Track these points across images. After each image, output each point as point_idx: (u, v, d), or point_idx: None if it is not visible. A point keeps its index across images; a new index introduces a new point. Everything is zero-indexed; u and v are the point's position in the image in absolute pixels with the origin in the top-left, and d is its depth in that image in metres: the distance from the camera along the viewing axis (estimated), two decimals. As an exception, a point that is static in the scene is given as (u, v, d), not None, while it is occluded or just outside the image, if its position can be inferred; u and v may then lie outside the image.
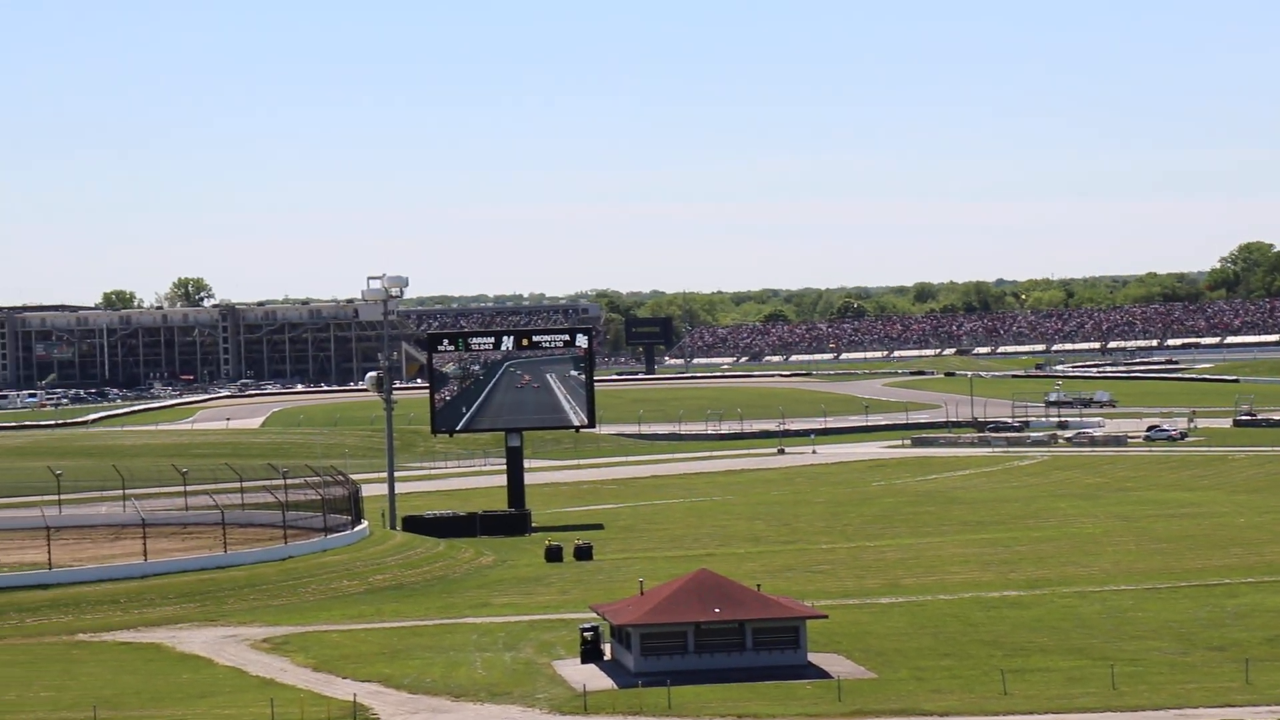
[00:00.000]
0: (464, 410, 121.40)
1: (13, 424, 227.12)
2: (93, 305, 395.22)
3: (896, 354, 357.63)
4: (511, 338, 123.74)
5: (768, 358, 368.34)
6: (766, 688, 63.56)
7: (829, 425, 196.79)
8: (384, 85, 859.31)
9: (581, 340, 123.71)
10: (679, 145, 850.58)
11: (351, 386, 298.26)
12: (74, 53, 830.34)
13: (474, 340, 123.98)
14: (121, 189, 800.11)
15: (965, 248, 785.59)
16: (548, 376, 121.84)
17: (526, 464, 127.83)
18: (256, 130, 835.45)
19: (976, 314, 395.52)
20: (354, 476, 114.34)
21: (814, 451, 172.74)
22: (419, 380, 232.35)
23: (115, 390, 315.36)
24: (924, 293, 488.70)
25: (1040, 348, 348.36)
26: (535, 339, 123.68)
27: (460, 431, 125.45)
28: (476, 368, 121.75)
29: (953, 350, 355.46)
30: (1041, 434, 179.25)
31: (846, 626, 74.67)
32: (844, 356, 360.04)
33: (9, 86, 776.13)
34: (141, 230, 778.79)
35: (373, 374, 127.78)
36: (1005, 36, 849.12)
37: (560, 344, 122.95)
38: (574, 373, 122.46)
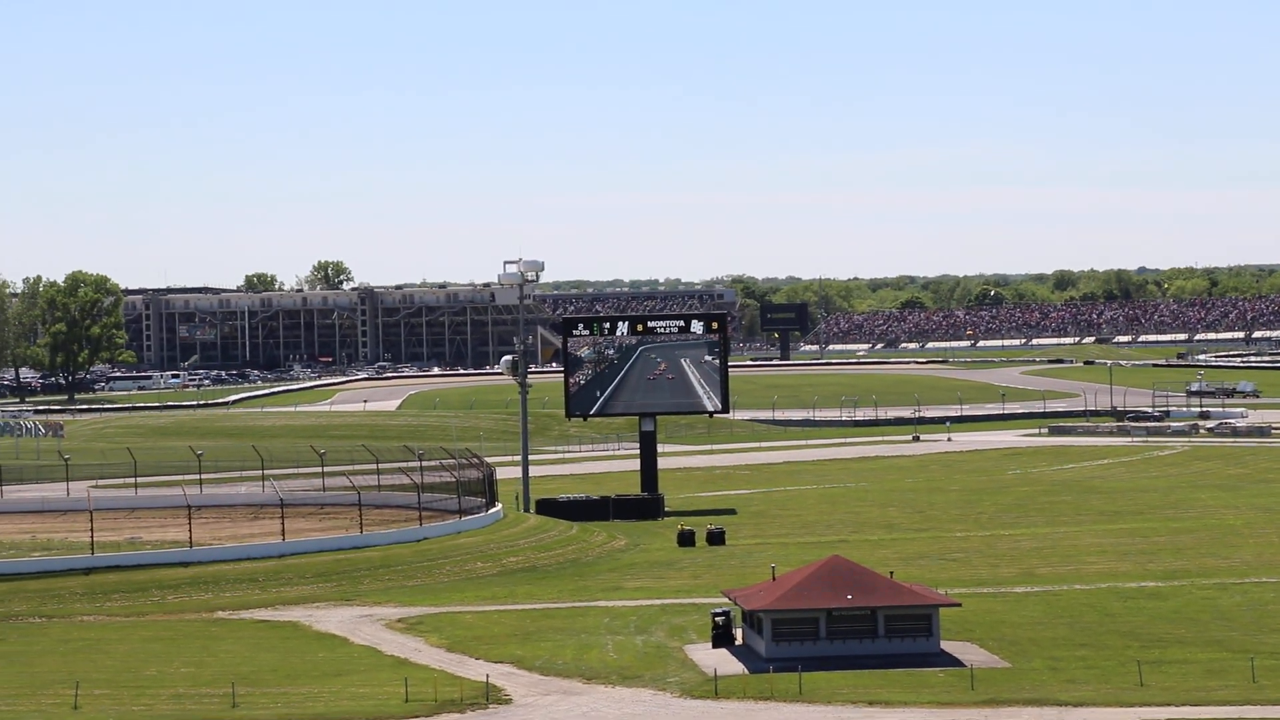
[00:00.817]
0: (598, 394, 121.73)
1: (156, 404, 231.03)
2: (235, 288, 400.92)
3: (1035, 342, 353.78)
4: (646, 322, 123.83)
5: (904, 345, 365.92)
6: (898, 675, 63.18)
7: (965, 413, 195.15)
8: (524, 70, 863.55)
9: (716, 326, 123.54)
10: (817, 132, 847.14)
11: (487, 370, 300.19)
12: (210, 40, 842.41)
13: (609, 325, 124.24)
14: (263, 174, 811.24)
15: (1107, 235, 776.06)
16: (682, 361, 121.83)
17: (660, 449, 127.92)
18: (395, 116, 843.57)
19: (1117, 302, 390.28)
20: (488, 459, 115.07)
21: (949, 439, 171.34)
22: (554, 364, 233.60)
23: (256, 372, 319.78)
24: (1064, 280, 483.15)
25: (1182, 337, 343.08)
26: (670, 324, 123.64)
27: (594, 415, 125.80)
28: (611, 352, 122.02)
29: (1092, 339, 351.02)
30: (1182, 424, 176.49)
31: (980, 615, 74.00)
32: (981, 344, 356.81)
33: (152, 76, 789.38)
34: (283, 214, 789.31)
35: (508, 358, 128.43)
36: (1152, 23, 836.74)
37: (695, 329, 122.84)
38: (708, 358, 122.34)
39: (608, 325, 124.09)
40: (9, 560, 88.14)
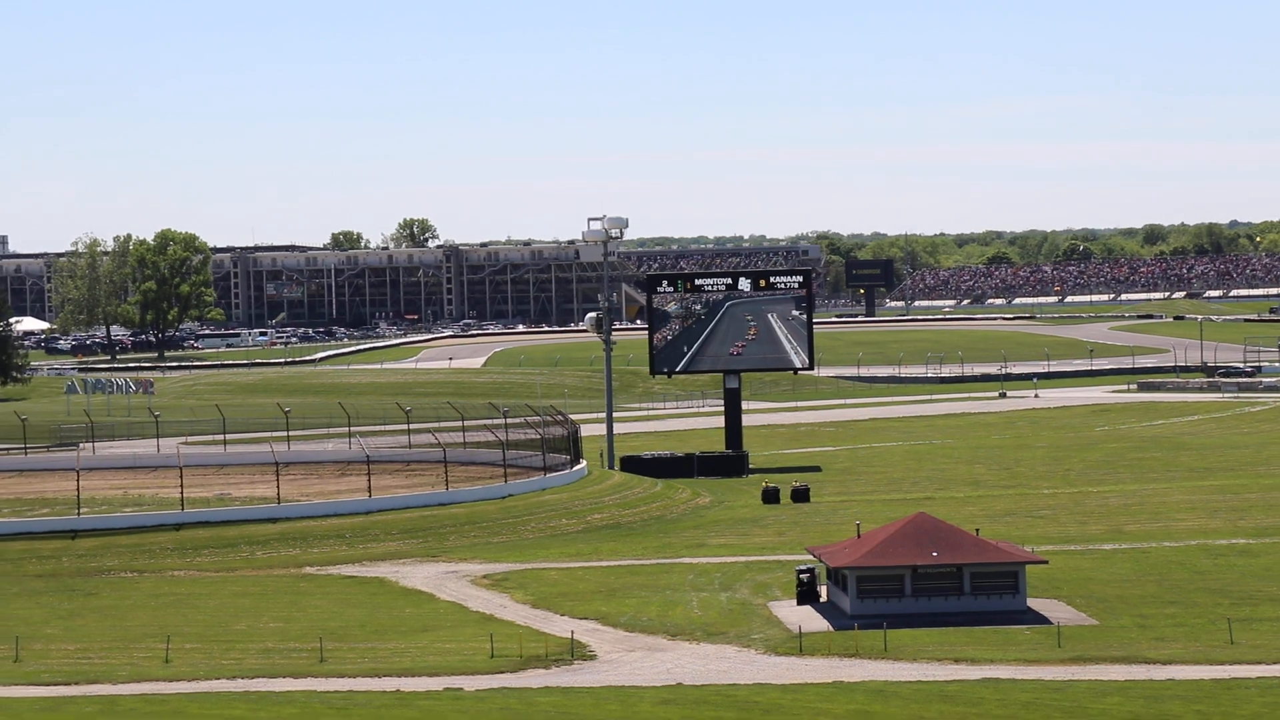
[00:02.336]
0: (683, 351, 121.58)
1: (244, 362, 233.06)
2: (321, 246, 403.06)
3: (1123, 297, 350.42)
4: (731, 279, 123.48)
5: (990, 300, 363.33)
6: (984, 632, 62.88)
7: (1052, 369, 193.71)
8: (609, 28, 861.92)
9: (801, 282, 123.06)
10: (903, 86, 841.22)
11: (571, 327, 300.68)
12: (298, 2, 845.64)
13: (693, 281, 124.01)
14: (349, 132, 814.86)
15: (1197, 189, 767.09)
16: (767, 318, 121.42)
17: (744, 405, 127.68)
18: (480, 74, 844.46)
19: (1208, 256, 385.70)
20: (573, 416, 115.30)
21: (1036, 395, 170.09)
22: (638, 321, 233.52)
23: (342, 329, 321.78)
24: (1153, 234, 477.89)
25: (1275, 291, 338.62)
26: (756, 280, 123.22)
27: (679, 372, 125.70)
28: (698, 308, 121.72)
29: (1182, 293, 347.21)
30: (1274, 379, 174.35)
31: (1068, 572, 73.51)
32: (1069, 300, 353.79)
33: (241, 37, 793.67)
34: (368, 172, 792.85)
35: (592, 315, 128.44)
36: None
37: (780, 285, 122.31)
38: (794, 314, 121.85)
39: (692, 282, 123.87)
40: (101, 515, 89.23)
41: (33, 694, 56.22)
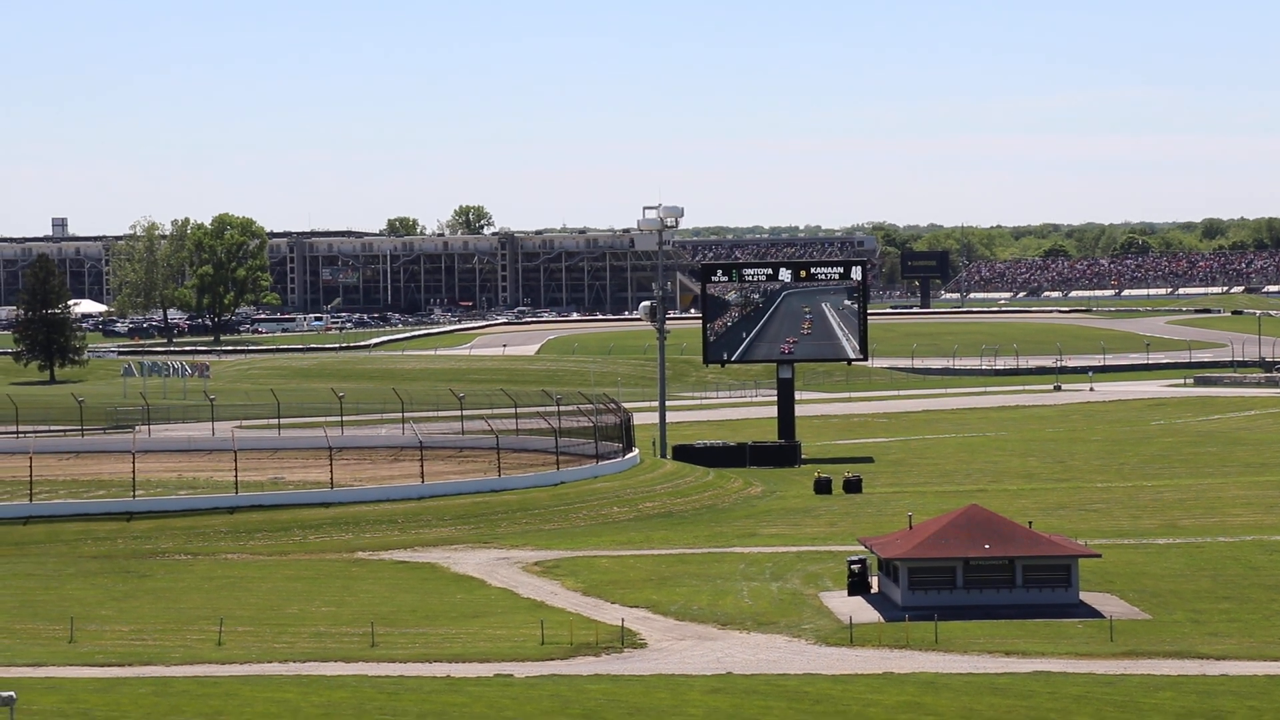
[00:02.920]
0: (737, 341, 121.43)
1: (300, 346, 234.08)
2: (377, 232, 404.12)
3: (1181, 291, 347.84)
4: (786, 269, 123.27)
5: (1046, 293, 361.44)
6: (1036, 625, 62.66)
7: (1108, 363, 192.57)
8: (665, 17, 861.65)
9: (856, 273, 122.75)
10: (961, 78, 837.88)
11: (626, 316, 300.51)
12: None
13: (748, 271, 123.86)
14: (406, 118, 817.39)
15: (1258, 183, 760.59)
16: (822, 308, 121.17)
17: (797, 396, 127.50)
18: (538, 61, 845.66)
19: (1267, 251, 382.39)
20: (626, 405, 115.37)
21: (1091, 389, 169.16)
22: (692, 311, 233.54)
23: (397, 315, 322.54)
24: (1212, 229, 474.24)
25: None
26: (810, 271, 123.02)
27: (732, 362, 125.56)
28: (754, 298, 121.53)
29: (1241, 288, 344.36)
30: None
31: (1120, 566, 73.14)
32: (1126, 293, 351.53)
33: (297, 23, 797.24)
34: (425, 158, 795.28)
35: (647, 303, 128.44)
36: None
37: (835, 276, 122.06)
38: (848, 305, 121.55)
39: (746, 272, 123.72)
40: (156, 498, 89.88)
41: (87, 674, 56.68)
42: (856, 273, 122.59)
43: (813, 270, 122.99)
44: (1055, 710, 50.52)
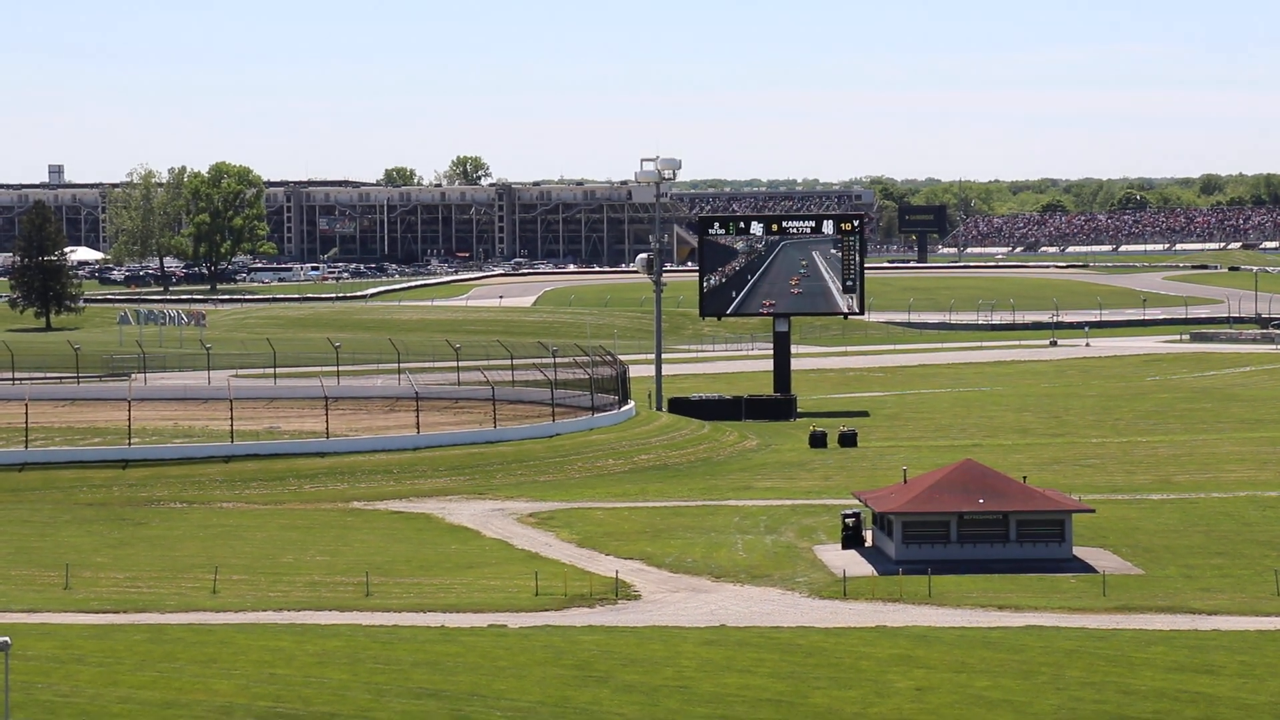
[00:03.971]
0: (733, 294, 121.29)
1: (296, 296, 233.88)
2: (375, 182, 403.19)
3: (1179, 247, 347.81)
4: (784, 222, 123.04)
5: (1043, 248, 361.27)
6: (1029, 580, 62.83)
7: (1104, 318, 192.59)
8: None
9: (853, 227, 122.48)
10: (958, 32, 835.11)
11: (623, 268, 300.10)
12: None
13: (745, 224, 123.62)
14: (404, 68, 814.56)
15: (1256, 139, 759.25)
16: (818, 262, 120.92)
17: (793, 349, 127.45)
18: (536, 11, 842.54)
19: (1265, 207, 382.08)
20: (622, 357, 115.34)
21: (1087, 344, 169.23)
22: (689, 263, 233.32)
23: (394, 266, 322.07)
24: (1210, 184, 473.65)
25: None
26: (806, 224, 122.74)
27: (729, 315, 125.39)
28: (754, 250, 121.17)
29: (1238, 244, 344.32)
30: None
31: (1114, 522, 73.30)
32: (1123, 249, 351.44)
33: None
34: (422, 108, 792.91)
35: (643, 256, 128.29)
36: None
37: (832, 230, 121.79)
38: (845, 259, 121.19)
39: (743, 224, 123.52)
40: (152, 446, 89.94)
41: (82, 620, 56.82)
42: (854, 226, 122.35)
43: (810, 223, 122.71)
44: (1047, 664, 50.68)
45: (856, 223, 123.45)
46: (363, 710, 46.63)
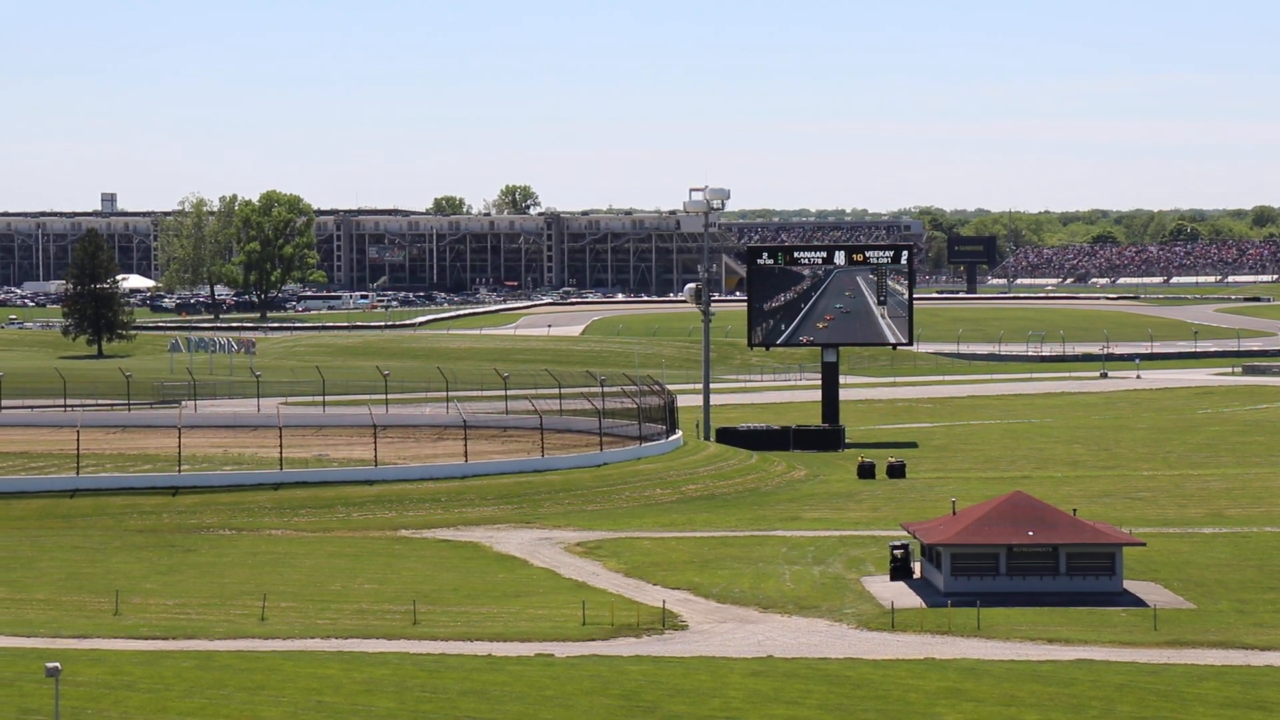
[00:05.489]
0: (782, 324, 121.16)
1: (345, 324, 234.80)
2: (424, 210, 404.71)
3: (1231, 279, 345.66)
4: (831, 253, 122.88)
5: (1094, 280, 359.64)
6: (1079, 613, 62.40)
7: (1155, 350, 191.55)
8: (708, 2, 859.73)
9: (903, 257, 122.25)
10: (1008, 62, 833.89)
11: (671, 297, 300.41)
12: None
13: (794, 254, 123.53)
14: (454, 98, 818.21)
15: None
16: (867, 293, 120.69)
17: (842, 380, 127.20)
18: (583, 42, 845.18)
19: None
20: (670, 387, 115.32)
21: (1138, 376, 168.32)
22: (738, 293, 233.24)
23: (442, 294, 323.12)
24: (1263, 216, 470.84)
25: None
26: (856, 254, 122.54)
27: (777, 345, 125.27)
28: (803, 280, 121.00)
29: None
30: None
31: (1166, 555, 72.75)
32: (1174, 280, 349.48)
33: (350, 2, 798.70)
34: (472, 138, 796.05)
35: (692, 285, 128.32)
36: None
37: (881, 260, 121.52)
38: (894, 289, 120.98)
39: (792, 254, 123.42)
40: (201, 473, 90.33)
41: (132, 647, 57.02)
42: (903, 257, 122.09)
43: (859, 254, 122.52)
44: (1098, 699, 50.29)
45: (905, 253, 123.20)
46: (410, 739, 46.57)
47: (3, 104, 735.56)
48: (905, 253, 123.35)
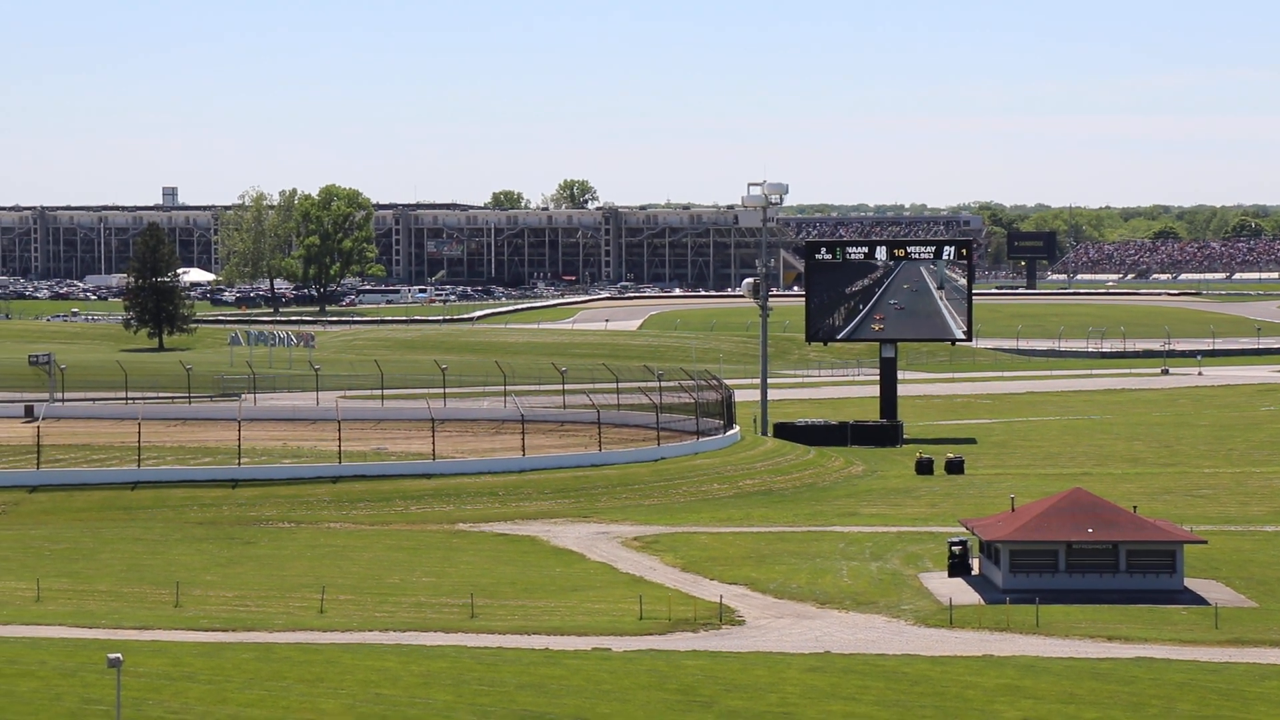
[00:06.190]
0: (840, 319, 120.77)
1: (403, 318, 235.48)
2: (482, 205, 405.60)
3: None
4: (891, 248, 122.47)
5: (1155, 276, 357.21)
6: (1139, 611, 62.03)
7: (1217, 346, 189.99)
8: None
9: (962, 253, 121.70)
10: (1069, 58, 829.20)
11: (728, 292, 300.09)
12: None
13: (852, 249, 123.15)
14: (512, 93, 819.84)
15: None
16: (927, 287, 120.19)
17: (900, 375, 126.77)
18: (643, 37, 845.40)
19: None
20: (727, 382, 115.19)
21: (1200, 373, 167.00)
22: (795, 288, 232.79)
23: (500, 288, 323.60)
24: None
25: None
26: (915, 249, 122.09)
27: (835, 340, 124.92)
28: (861, 275, 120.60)
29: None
30: None
31: (1227, 553, 72.21)
32: (1237, 277, 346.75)
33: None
34: (530, 132, 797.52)
35: (750, 280, 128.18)
36: None
37: (940, 255, 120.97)
38: (953, 285, 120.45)
39: (850, 250, 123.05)
40: (261, 466, 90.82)
41: (192, 639, 57.39)
42: (963, 252, 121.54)
43: (918, 249, 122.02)
44: (1158, 697, 49.98)
45: (965, 249, 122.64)
46: (467, 732, 46.71)
47: (66, 99, 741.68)
48: (964, 248, 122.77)
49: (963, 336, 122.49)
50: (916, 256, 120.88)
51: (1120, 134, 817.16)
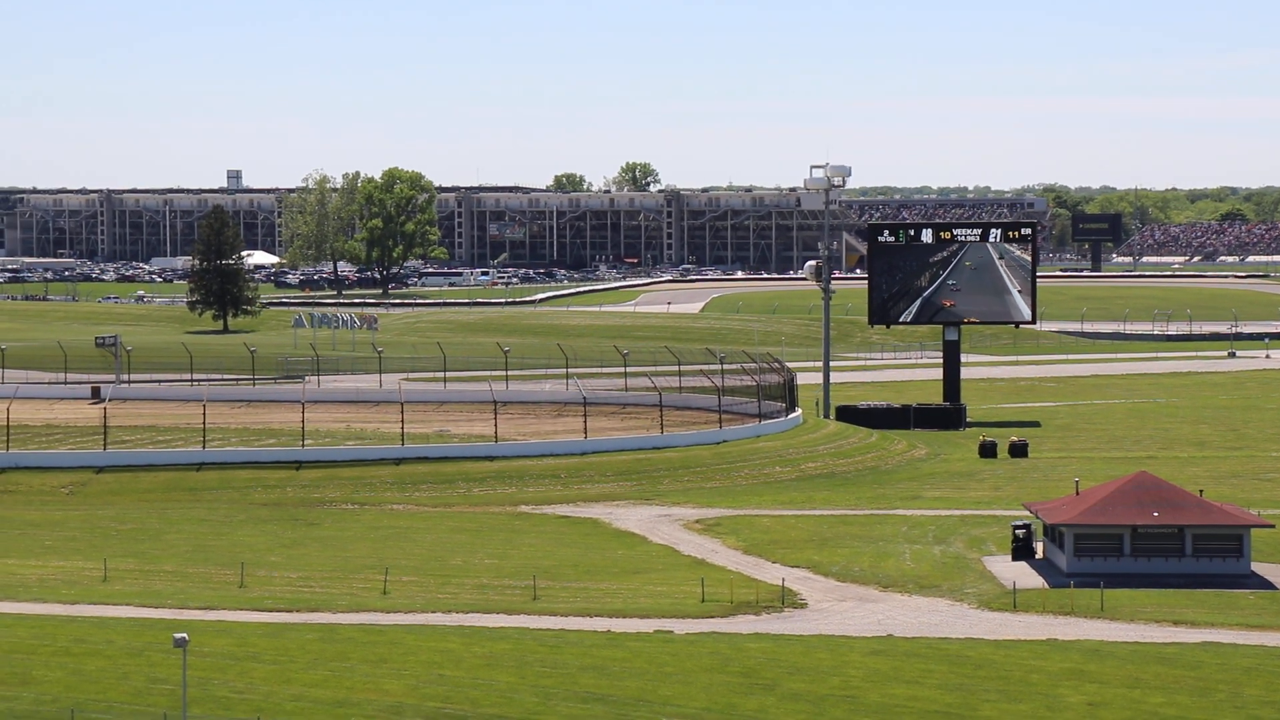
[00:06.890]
0: (903, 302, 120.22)
1: (466, 300, 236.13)
2: (544, 188, 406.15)
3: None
4: (954, 230, 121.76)
5: (1222, 258, 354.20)
6: (1205, 595, 61.58)
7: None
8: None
9: (1025, 235, 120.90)
10: (1136, 38, 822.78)
11: (791, 275, 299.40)
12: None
13: (915, 231, 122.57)
14: (574, 76, 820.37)
15: None
16: (991, 269, 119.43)
17: (963, 358, 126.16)
18: (706, 19, 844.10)
19: None
20: (789, 364, 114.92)
21: (1268, 356, 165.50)
22: (858, 270, 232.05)
23: (562, 271, 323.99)
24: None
25: None
26: (976, 232, 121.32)
27: (898, 323, 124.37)
28: (925, 257, 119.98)
29: None
30: None
31: (1294, 538, 71.52)
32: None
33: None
34: (592, 115, 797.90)
35: (812, 263, 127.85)
36: None
37: (1005, 238, 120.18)
38: (1018, 267, 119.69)
39: (914, 232, 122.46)
40: (324, 448, 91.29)
41: (256, 619, 57.77)
42: (1027, 235, 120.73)
43: (981, 231, 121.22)
44: (1225, 682, 49.61)
45: (1029, 231, 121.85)
46: (530, 713, 46.87)
47: (132, 84, 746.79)
48: (1029, 230, 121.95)
49: (1028, 318, 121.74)
50: (980, 239, 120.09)
51: (1187, 115, 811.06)
